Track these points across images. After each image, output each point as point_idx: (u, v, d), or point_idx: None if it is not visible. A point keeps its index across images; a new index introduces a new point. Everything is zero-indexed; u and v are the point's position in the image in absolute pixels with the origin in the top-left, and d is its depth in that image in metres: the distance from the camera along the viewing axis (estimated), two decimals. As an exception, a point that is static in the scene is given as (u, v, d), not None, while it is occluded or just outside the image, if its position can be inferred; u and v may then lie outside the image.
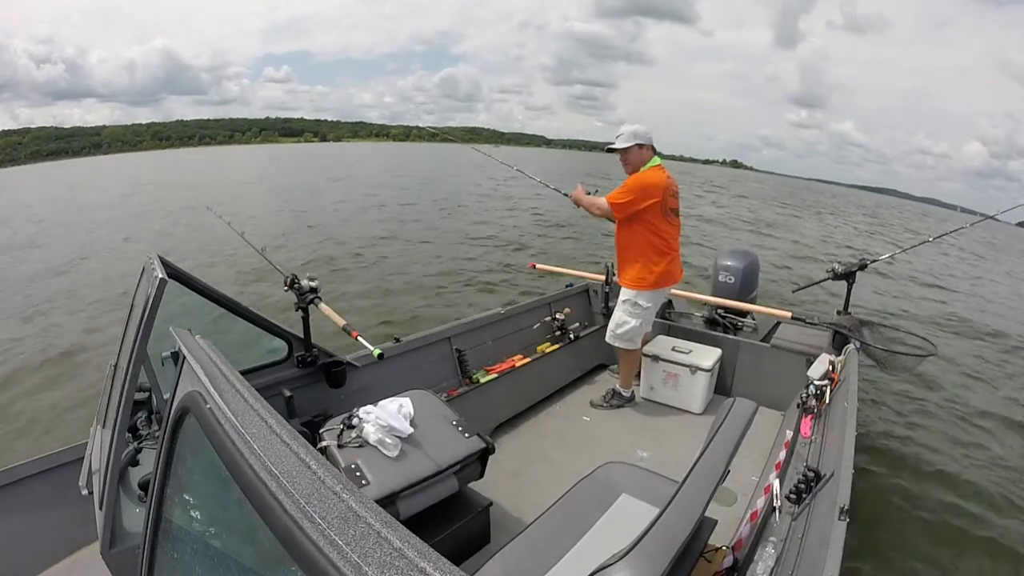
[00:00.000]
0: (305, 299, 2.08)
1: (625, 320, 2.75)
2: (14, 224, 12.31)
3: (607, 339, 2.84)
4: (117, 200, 17.60)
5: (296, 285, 2.09)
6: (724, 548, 1.56)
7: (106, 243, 9.75)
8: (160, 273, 1.11)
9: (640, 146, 2.58)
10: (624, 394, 2.95)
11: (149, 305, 1.08)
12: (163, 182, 25.69)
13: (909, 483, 3.09)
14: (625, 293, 2.76)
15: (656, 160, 2.62)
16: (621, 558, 0.90)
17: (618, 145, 2.61)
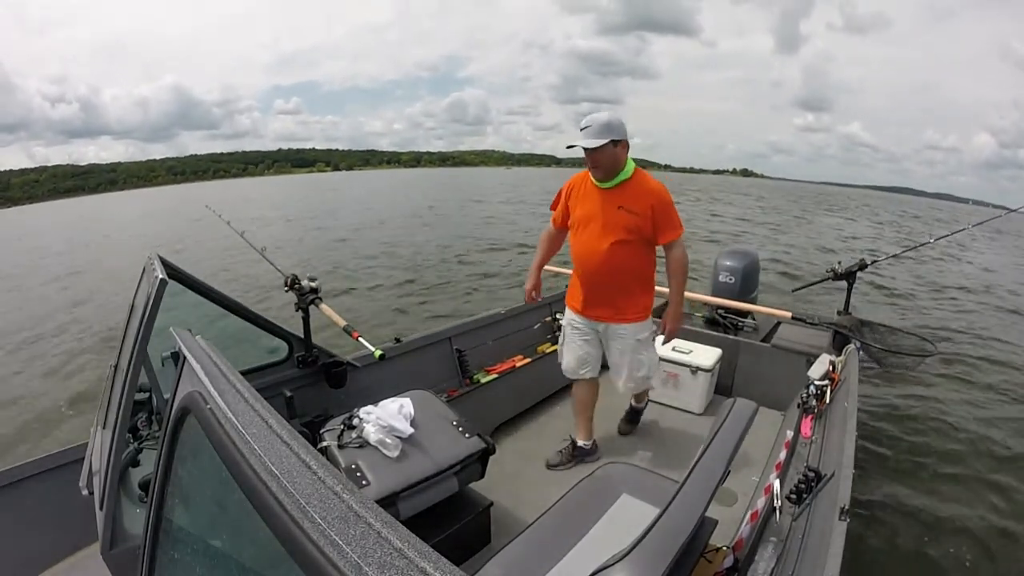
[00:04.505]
0: (306, 299, 2.08)
1: (654, 356, 2.34)
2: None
3: (637, 388, 2.43)
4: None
5: (296, 285, 2.09)
6: (724, 548, 1.56)
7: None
8: (160, 273, 1.11)
9: (615, 143, 1.99)
10: (586, 446, 2.47)
11: (149, 305, 1.08)
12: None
13: (910, 483, 3.08)
14: (646, 327, 2.27)
15: (632, 163, 2.09)
16: (622, 558, 0.90)
17: (588, 143, 1.96)
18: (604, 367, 3.47)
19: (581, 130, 1.99)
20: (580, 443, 2.45)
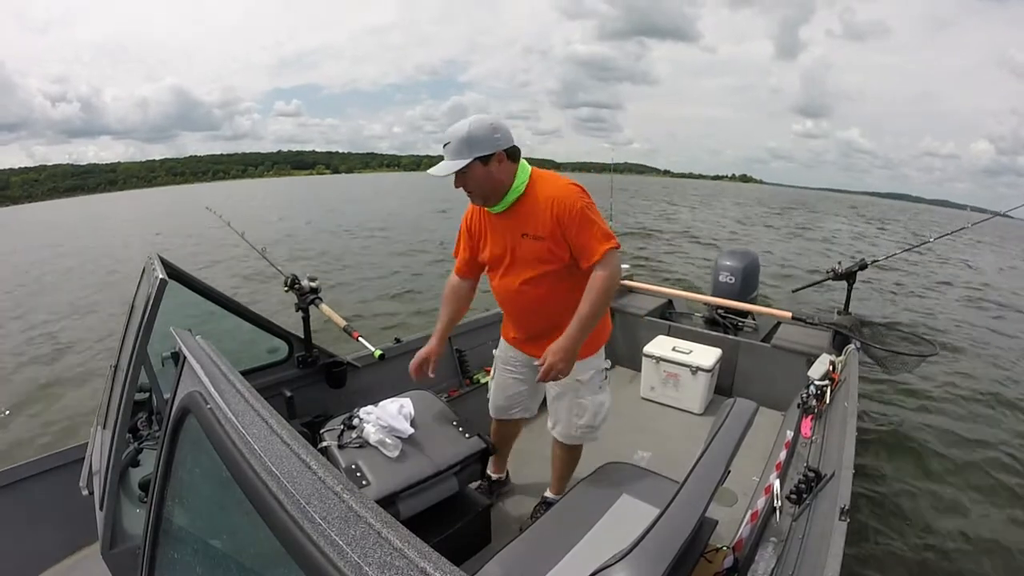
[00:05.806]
0: (306, 299, 2.08)
1: (602, 400, 1.84)
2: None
3: (572, 440, 1.91)
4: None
5: (296, 285, 2.09)
6: (724, 548, 1.56)
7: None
8: (160, 273, 1.11)
9: (485, 159, 1.45)
10: (500, 478, 2.22)
11: (149, 305, 1.08)
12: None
13: (910, 483, 3.09)
14: (591, 365, 1.76)
15: (528, 168, 1.56)
16: (621, 558, 0.90)
17: (443, 170, 1.46)
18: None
19: (444, 147, 1.48)
20: (494, 476, 2.16)
